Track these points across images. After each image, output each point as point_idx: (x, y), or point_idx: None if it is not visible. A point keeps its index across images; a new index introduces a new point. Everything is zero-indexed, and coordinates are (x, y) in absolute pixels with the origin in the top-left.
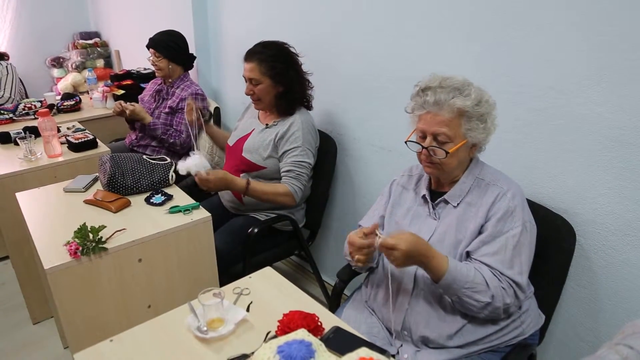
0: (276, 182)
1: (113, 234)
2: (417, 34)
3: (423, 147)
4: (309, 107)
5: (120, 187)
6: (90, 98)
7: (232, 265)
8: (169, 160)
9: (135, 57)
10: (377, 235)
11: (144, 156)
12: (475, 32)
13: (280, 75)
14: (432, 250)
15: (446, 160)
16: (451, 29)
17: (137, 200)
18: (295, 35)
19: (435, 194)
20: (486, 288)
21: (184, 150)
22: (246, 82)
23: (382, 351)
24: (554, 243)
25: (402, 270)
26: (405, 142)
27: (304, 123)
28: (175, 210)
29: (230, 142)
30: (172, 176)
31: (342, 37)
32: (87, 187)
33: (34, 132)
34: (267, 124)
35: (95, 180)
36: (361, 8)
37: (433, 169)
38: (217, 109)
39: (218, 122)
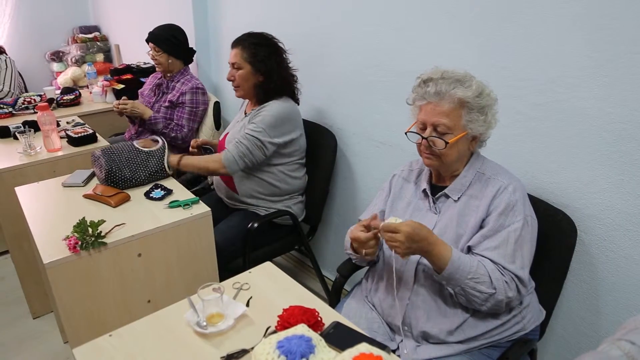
0: (262, 174)
1: (112, 229)
2: (417, 27)
3: (423, 138)
4: (295, 100)
5: (119, 181)
6: (90, 92)
7: (232, 260)
8: (160, 141)
9: (135, 51)
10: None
11: (135, 143)
12: (476, 26)
13: (260, 63)
14: (435, 236)
15: (445, 151)
16: (451, 23)
17: (137, 195)
18: (294, 29)
19: (436, 188)
20: (489, 280)
21: (185, 145)
22: (230, 68)
23: (382, 346)
24: (555, 238)
25: (403, 264)
26: (406, 133)
27: (275, 108)
28: (174, 205)
29: (221, 137)
30: (167, 164)
31: (341, 31)
32: (86, 182)
33: (34, 126)
34: (245, 113)
35: (93, 175)
36: (360, 2)
37: (433, 160)
38: (217, 104)
39: (218, 116)
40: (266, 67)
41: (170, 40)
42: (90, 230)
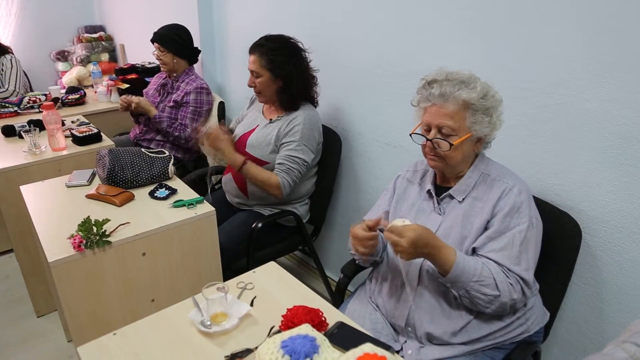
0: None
1: (117, 228)
2: (422, 28)
3: (427, 140)
4: (314, 104)
5: (120, 181)
6: (95, 92)
7: (236, 259)
8: (167, 153)
9: (140, 51)
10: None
11: (143, 149)
12: (482, 27)
13: (279, 69)
14: (439, 240)
15: (450, 153)
16: (457, 24)
17: (141, 194)
18: (300, 29)
19: (441, 189)
20: (493, 282)
21: (188, 145)
22: (250, 75)
23: (386, 347)
24: (560, 240)
25: (408, 265)
26: (410, 135)
27: (306, 119)
28: (179, 204)
29: (236, 137)
30: (171, 170)
31: (347, 32)
32: (90, 181)
33: (39, 125)
34: (270, 119)
35: (93, 175)
36: (366, 2)
37: (437, 162)
38: (221, 104)
39: (222, 116)
40: (285, 72)
41: (175, 40)
42: (94, 229)
